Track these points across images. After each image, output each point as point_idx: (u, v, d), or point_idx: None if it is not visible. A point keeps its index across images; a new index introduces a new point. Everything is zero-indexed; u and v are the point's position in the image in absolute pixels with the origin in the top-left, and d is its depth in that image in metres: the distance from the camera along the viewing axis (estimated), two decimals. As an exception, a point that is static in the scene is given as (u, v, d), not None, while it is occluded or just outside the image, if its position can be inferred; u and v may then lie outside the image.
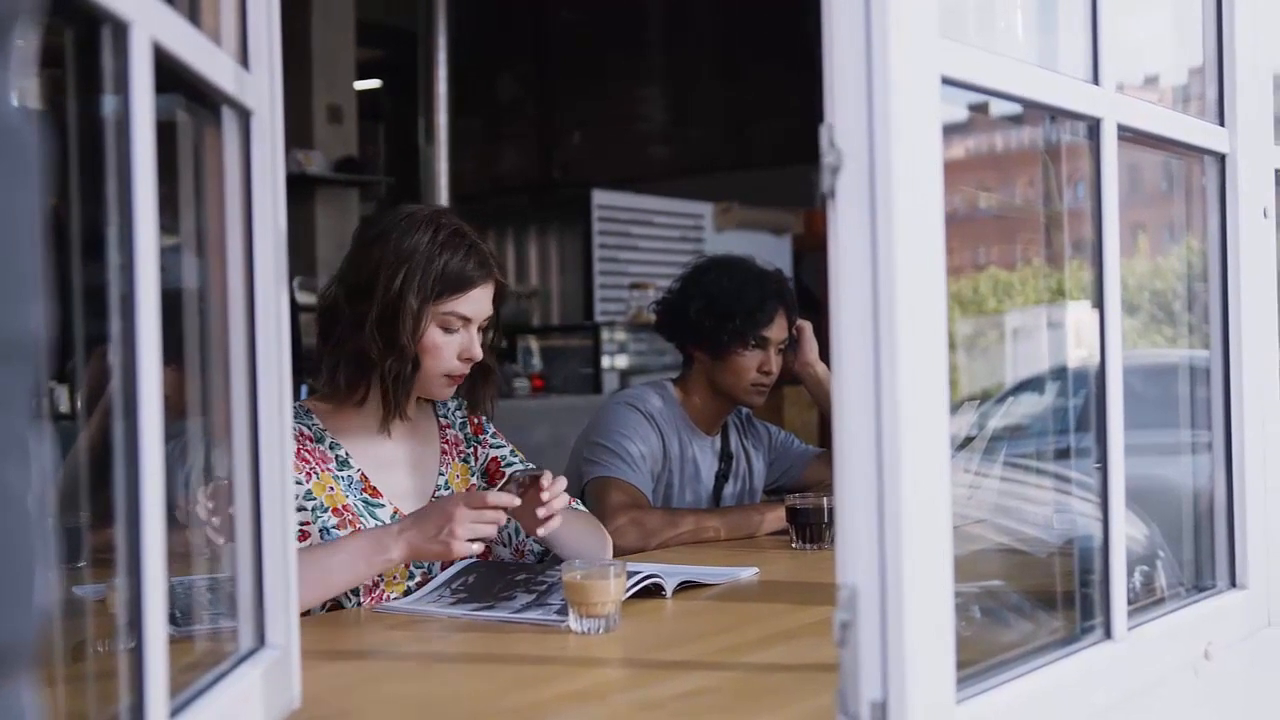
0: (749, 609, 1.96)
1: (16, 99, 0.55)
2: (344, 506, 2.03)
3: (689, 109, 9.40)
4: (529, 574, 1.99)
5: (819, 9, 1.08)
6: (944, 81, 1.13)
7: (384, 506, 2.08)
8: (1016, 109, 1.43)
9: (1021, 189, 1.80)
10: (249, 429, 1.25)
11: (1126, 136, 1.45)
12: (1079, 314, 1.57)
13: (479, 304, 2.09)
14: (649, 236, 7.89)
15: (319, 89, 7.02)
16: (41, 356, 0.56)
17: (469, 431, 2.27)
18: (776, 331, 2.76)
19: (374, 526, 2.04)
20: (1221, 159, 1.67)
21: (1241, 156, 1.67)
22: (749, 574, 2.17)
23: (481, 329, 2.11)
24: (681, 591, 2.00)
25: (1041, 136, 1.60)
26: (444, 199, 6.88)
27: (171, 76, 1.02)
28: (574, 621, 1.72)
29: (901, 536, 1.04)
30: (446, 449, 2.22)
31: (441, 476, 2.19)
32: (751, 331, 2.73)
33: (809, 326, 2.88)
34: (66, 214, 0.87)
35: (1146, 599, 1.56)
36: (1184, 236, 1.84)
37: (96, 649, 1.18)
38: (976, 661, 1.21)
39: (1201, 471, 1.75)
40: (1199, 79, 1.73)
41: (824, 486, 2.75)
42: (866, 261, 1.06)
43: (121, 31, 0.91)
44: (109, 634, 1.13)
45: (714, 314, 2.73)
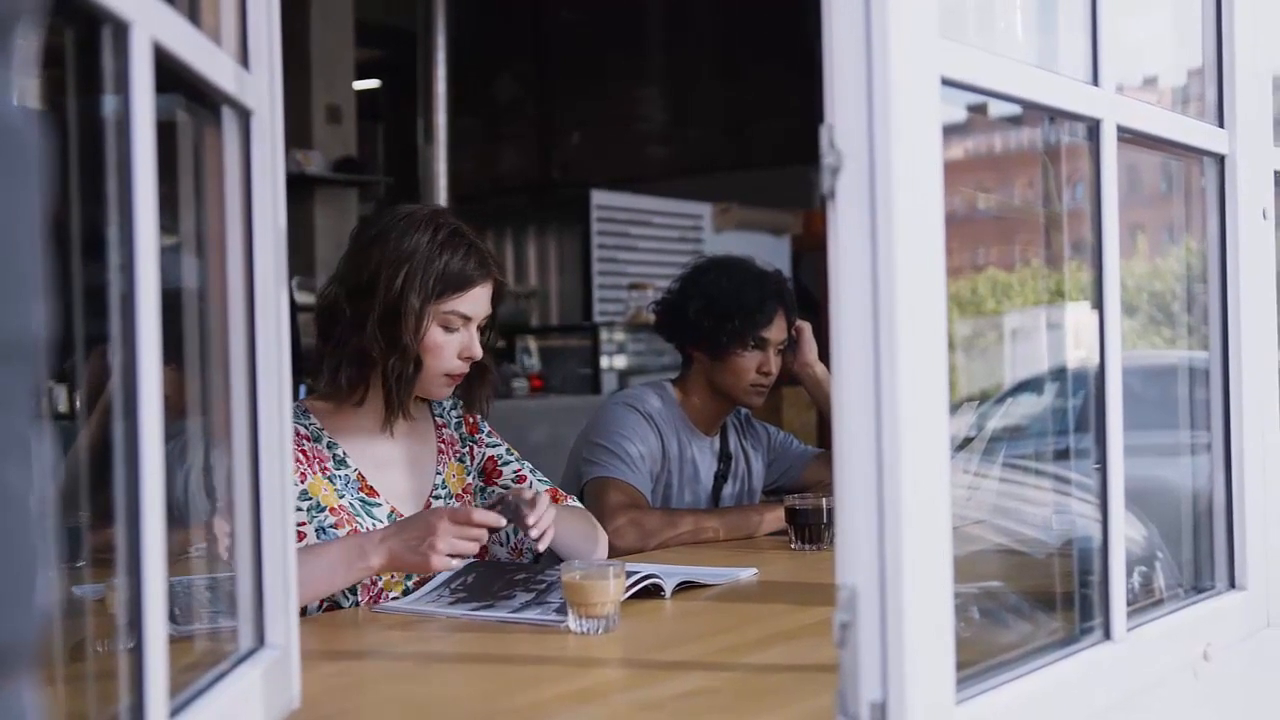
0: (748, 609, 1.96)
1: (17, 99, 0.55)
2: (340, 506, 2.03)
3: (688, 109, 9.40)
4: (528, 573, 1.99)
5: (819, 9, 1.08)
6: (944, 82, 1.13)
7: (381, 506, 2.08)
8: (1015, 110, 1.43)
9: (1020, 190, 1.80)
10: (249, 429, 1.25)
11: (1126, 138, 1.45)
12: (1078, 315, 1.57)
13: (479, 303, 2.09)
14: (648, 237, 7.89)
15: (318, 89, 7.02)
16: (42, 357, 0.55)
17: (464, 431, 2.26)
18: (776, 332, 2.76)
19: (370, 526, 2.04)
20: (1221, 160, 1.67)
21: (1241, 158, 1.67)
22: (748, 574, 2.17)
23: (480, 328, 2.11)
24: (681, 592, 2.00)
25: (1040, 137, 1.60)
26: (443, 199, 6.88)
27: (171, 76, 1.02)
28: (573, 622, 1.72)
29: (901, 537, 1.05)
30: (443, 448, 2.22)
31: (439, 476, 2.19)
32: (751, 332, 2.73)
33: (808, 327, 2.88)
34: (66, 214, 0.87)
35: (1145, 600, 1.56)
36: (1183, 238, 1.84)
37: (96, 649, 1.18)
38: (976, 662, 1.21)
39: (1200, 472, 1.75)
40: (1198, 80, 1.73)
41: (823, 487, 2.75)
42: (866, 262, 1.06)
43: (122, 31, 0.91)
44: (108, 634, 1.13)
45: (713, 314, 2.73)
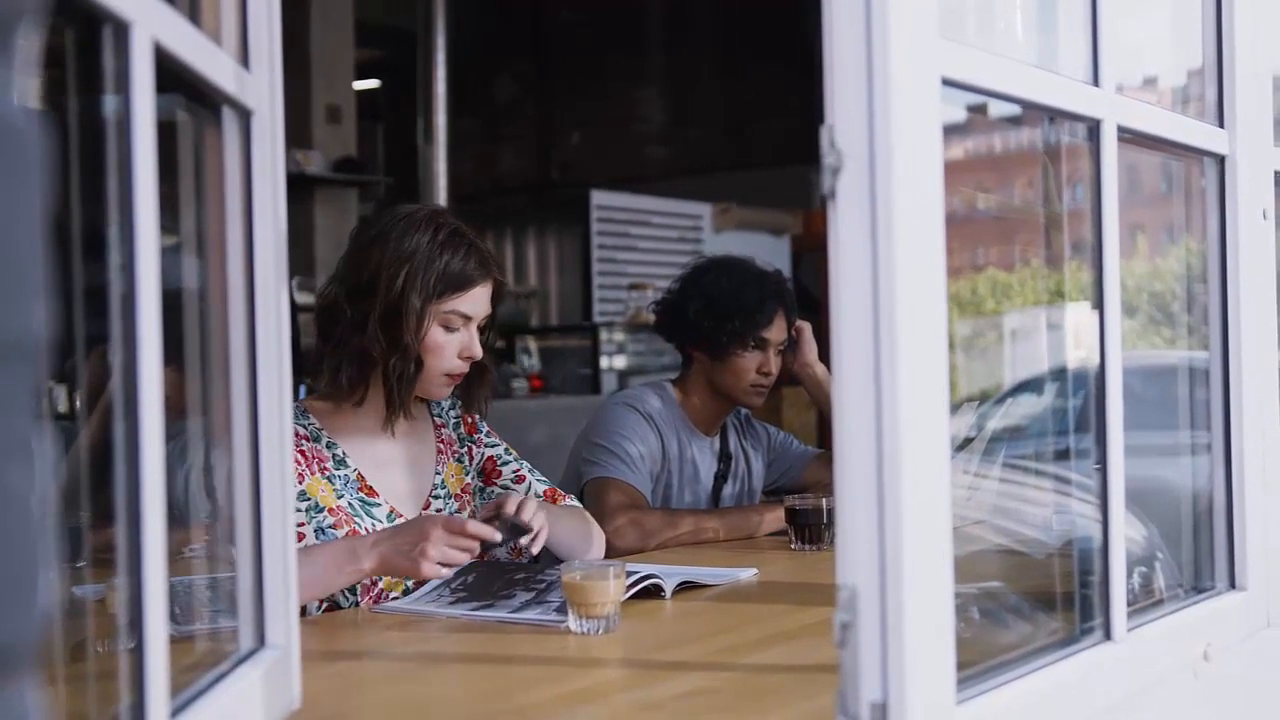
0: (748, 610, 1.96)
1: (18, 98, 0.55)
2: (339, 506, 2.03)
3: (688, 109, 9.40)
4: (528, 573, 1.99)
5: (819, 9, 1.08)
6: (944, 82, 1.13)
7: (380, 506, 2.08)
8: (1014, 110, 1.43)
9: (1020, 190, 1.80)
10: (249, 429, 1.25)
11: (1126, 138, 1.45)
12: (1078, 315, 1.57)
13: (479, 302, 2.09)
14: (648, 237, 7.89)
15: (318, 89, 7.02)
16: (43, 357, 0.55)
17: (462, 431, 2.27)
18: (776, 332, 2.76)
19: (370, 526, 2.04)
20: (1221, 161, 1.67)
21: (1241, 158, 1.67)
22: (748, 575, 2.17)
23: (480, 328, 2.12)
24: (681, 592, 2.00)
25: (1040, 137, 1.60)
26: (443, 199, 6.88)
27: (172, 76, 1.02)
28: (573, 622, 1.72)
29: (902, 537, 1.04)
30: (442, 449, 2.22)
31: (438, 476, 2.19)
32: (751, 332, 2.72)
33: (808, 327, 2.87)
34: (67, 214, 0.87)
35: (1145, 600, 1.56)
36: (1182, 238, 1.84)
37: (97, 649, 1.18)
38: (976, 662, 1.21)
39: (1200, 472, 1.75)
40: (1198, 80, 1.73)
41: (823, 487, 2.75)
42: (867, 262, 1.06)
43: (122, 31, 0.91)
44: (109, 634, 1.13)
45: (713, 315, 2.73)
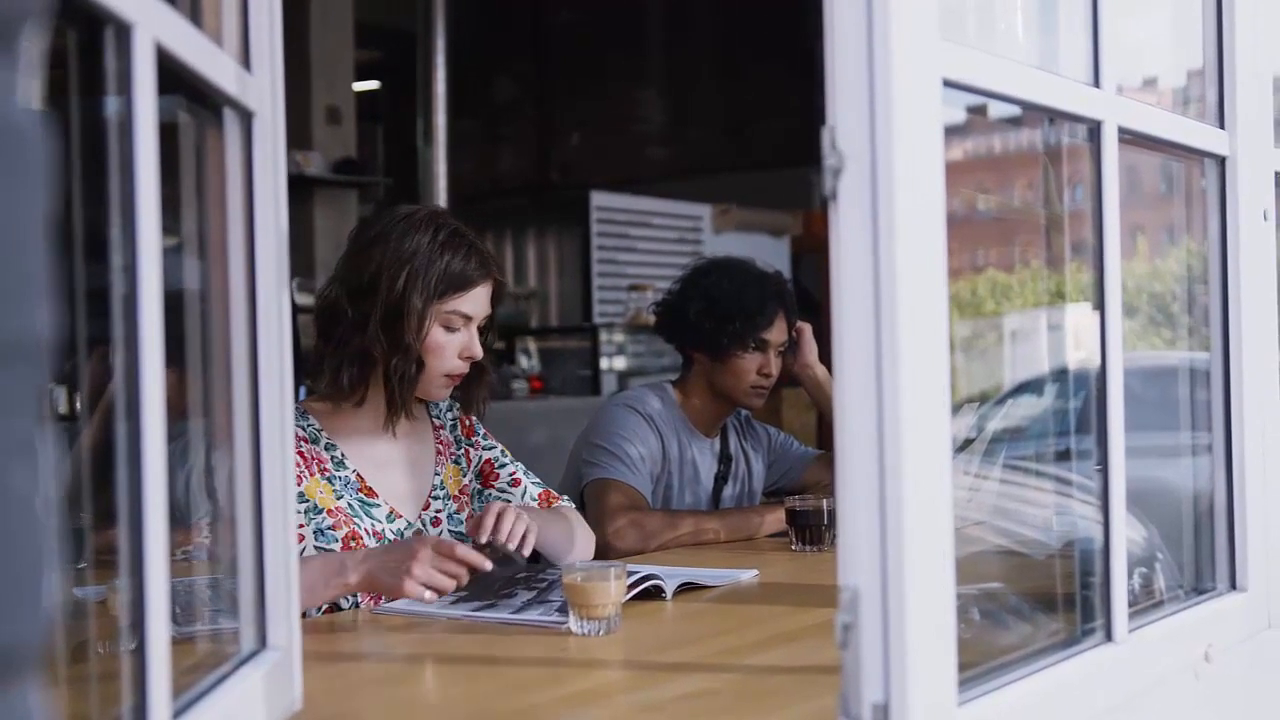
0: (749, 611, 1.96)
1: (22, 100, 0.55)
2: (338, 508, 2.03)
3: (688, 110, 9.39)
4: (529, 571, 1.99)
5: (819, 10, 1.08)
6: (945, 84, 1.13)
7: (380, 507, 2.08)
8: (1013, 110, 1.43)
9: (1020, 191, 1.80)
10: (250, 430, 1.25)
11: (1127, 139, 1.45)
12: (1078, 316, 1.57)
13: (480, 303, 2.10)
14: (647, 238, 7.88)
15: (318, 90, 7.02)
16: (47, 359, 0.55)
17: (460, 433, 2.27)
18: (776, 334, 2.76)
19: (369, 527, 2.04)
20: (1222, 162, 1.67)
21: (1242, 159, 1.67)
22: (749, 576, 2.17)
23: (480, 329, 2.12)
24: (681, 593, 2.00)
25: (1040, 138, 1.60)
26: (442, 200, 6.87)
27: (173, 78, 1.02)
28: (574, 623, 1.72)
29: (903, 538, 1.05)
30: (441, 449, 2.23)
31: (437, 476, 2.19)
32: (751, 334, 2.72)
33: (809, 328, 2.87)
34: (68, 215, 0.87)
35: (1145, 601, 1.56)
36: (1182, 239, 1.84)
37: (98, 650, 1.18)
38: (977, 664, 1.21)
39: (1201, 474, 1.75)
40: (1198, 81, 1.73)
41: (823, 488, 2.75)
42: (868, 264, 1.06)
43: (125, 33, 0.91)
44: (110, 635, 1.13)
45: (714, 316, 2.72)
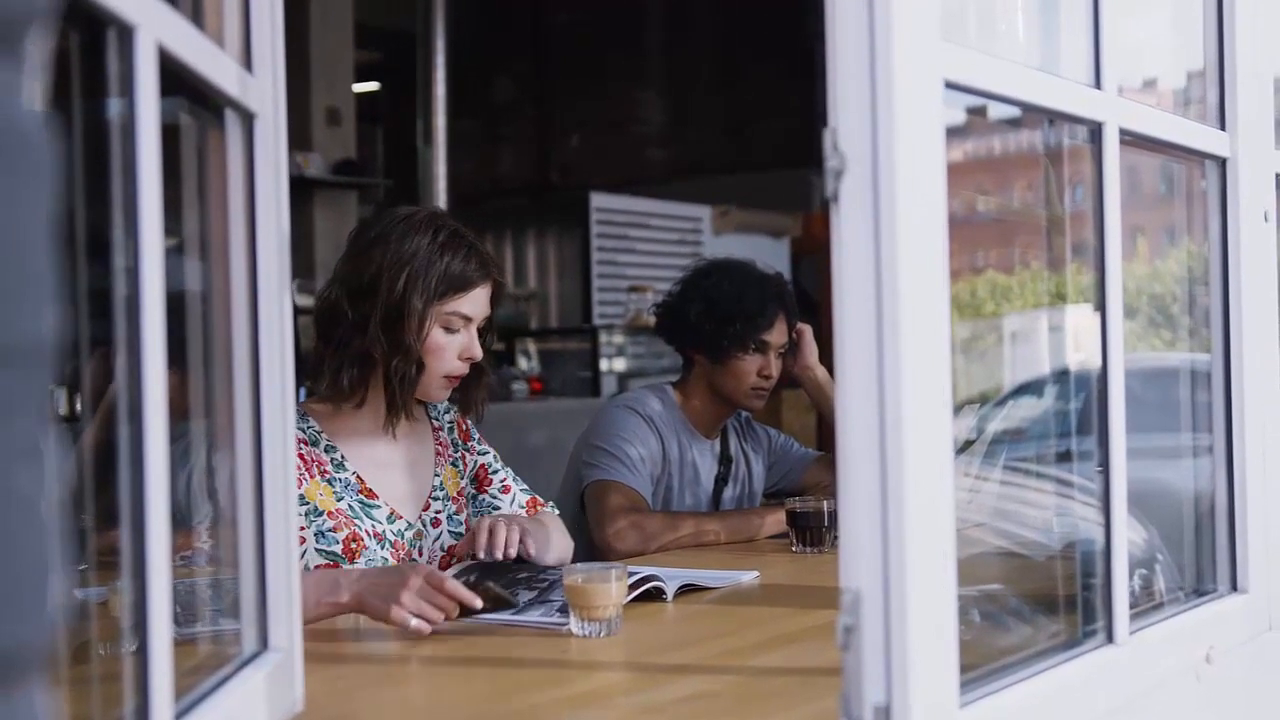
0: (750, 612, 1.96)
1: (28, 102, 0.55)
2: (338, 509, 2.03)
3: (688, 111, 9.39)
4: (530, 572, 1.99)
5: (819, 10, 1.08)
6: (947, 85, 1.13)
7: (380, 508, 2.08)
8: (1013, 111, 1.44)
9: (1020, 192, 1.80)
10: (252, 432, 1.25)
11: (1128, 140, 1.45)
12: (1078, 317, 1.57)
13: (480, 304, 2.10)
14: (647, 239, 7.88)
15: (317, 91, 7.01)
16: (52, 360, 0.55)
17: (456, 436, 2.27)
18: (777, 336, 2.75)
19: (370, 528, 2.04)
20: (1222, 163, 1.67)
21: (1242, 160, 1.67)
22: (750, 577, 2.17)
23: (480, 330, 2.12)
24: (682, 595, 2.00)
25: (1039, 139, 1.60)
26: (442, 201, 6.87)
27: (175, 79, 1.02)
28: (575, 625, 1.72)
29: (905, 540, 1.05)
30: (440, 451, 2.23)
31: (437, 478, 2.19)
32: (752, 336, 2.72)
33: (809, 330, 2.87)
34: (70, 216, 0.87)
35: (1145, 603, 1.56)
36: (1182, 240, 1.84)
37: (99, 652, 1.18)
38: (978, 665, 1.21)
39: (1202, 475, 1.75)
40: (1198, 82, 1.73)
41: (823, 490, 2.75)
42: (870, 265, 1.06)
43: (127, 34, 0.91)
44: (111, 637, 1.13)
45: (714, 318, 2.72)
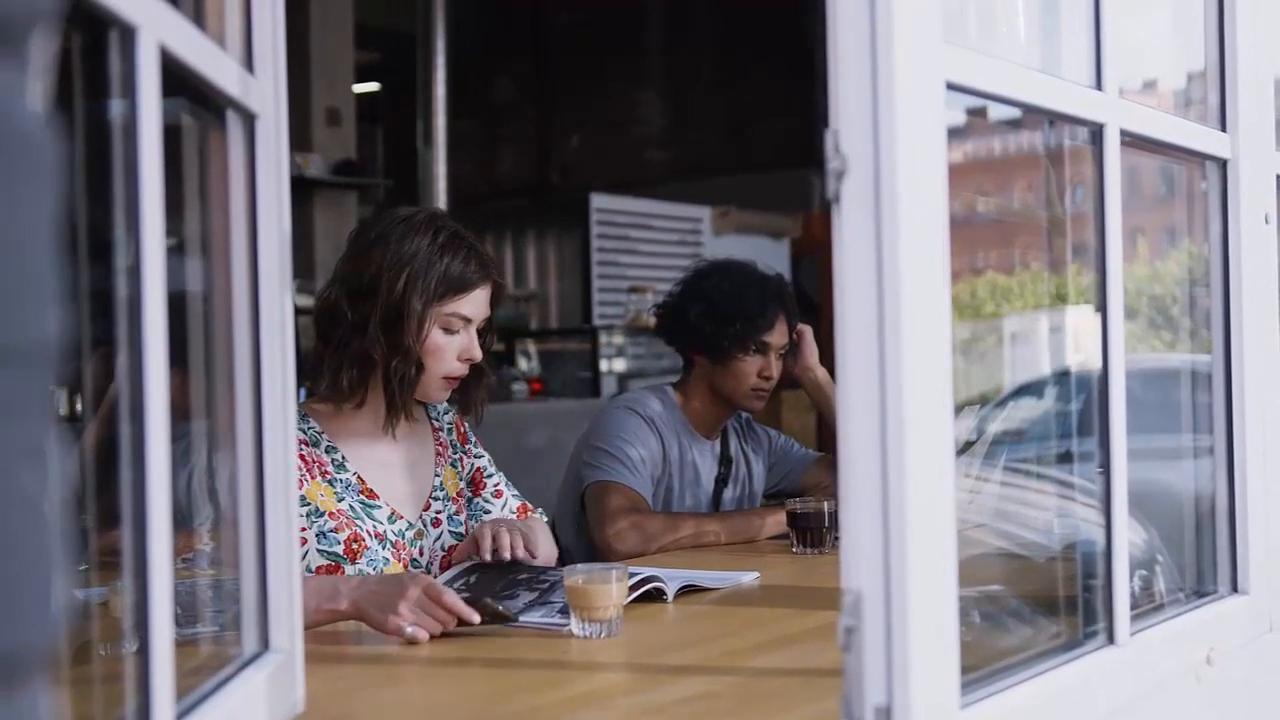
0: (751, 613, 1.96)
1: (31, 103, 0.55)
2: (340, 510, 2.03)
3: (687, 112, 9.39)
4: (531, 573, 1.99)
5: (819, 11, 1.08)
6: (948, 87, 1.13)
7: (381, 508, 2.08)
8: (1012, 112, 1.44)
9: (1020, 193, 1.80)
10: (253, 432, 1.25)
11: (1129, 142, 1.45)
12: (1078, 318, 1.57)
13: (479, 305, 2.10)
14: (647, 240, 7.87)
15: (317, 91, 7.01)
16: (56, 361, 0.55)
17: (454, 438, 2.27)
18: (777, 337, 2.75)
19: (371, 528, 2.04)
20: (1223, 164, 1.67)
21: (1243, 162, 1.67)
22: (750, 578, 2.17)
23: (479, 331, 2.12)
24: (683, 595, 2.00)
25: (1039, 141, 1.60)
26: (442, 202, 6.87)
27: (177, 80, 1.02)
28: (576, 626, 1.72)
29: (906, 541, 1.05)
30: (440, 451, 2.23)
31: (437, 478, 2.19)
32: (752, 336, 2.72)
33: (809, 331, 2.87)
34: (72, 216, 0.87)
35: (1145, 604, 1.56)
36: (1183, 241, 1.84)
37: (100, 652, 1.18)
38: (980, 666, 1.21)
39: (1202, 476, 1.75)
40: (1198, 83, 1.73)
41: (823, 490, 2.75)
42: (871, 266, 1.06)
43: (129, 35, 0.91)
44: (112, 637, 1.13)
45: (715, 318, 2.72)
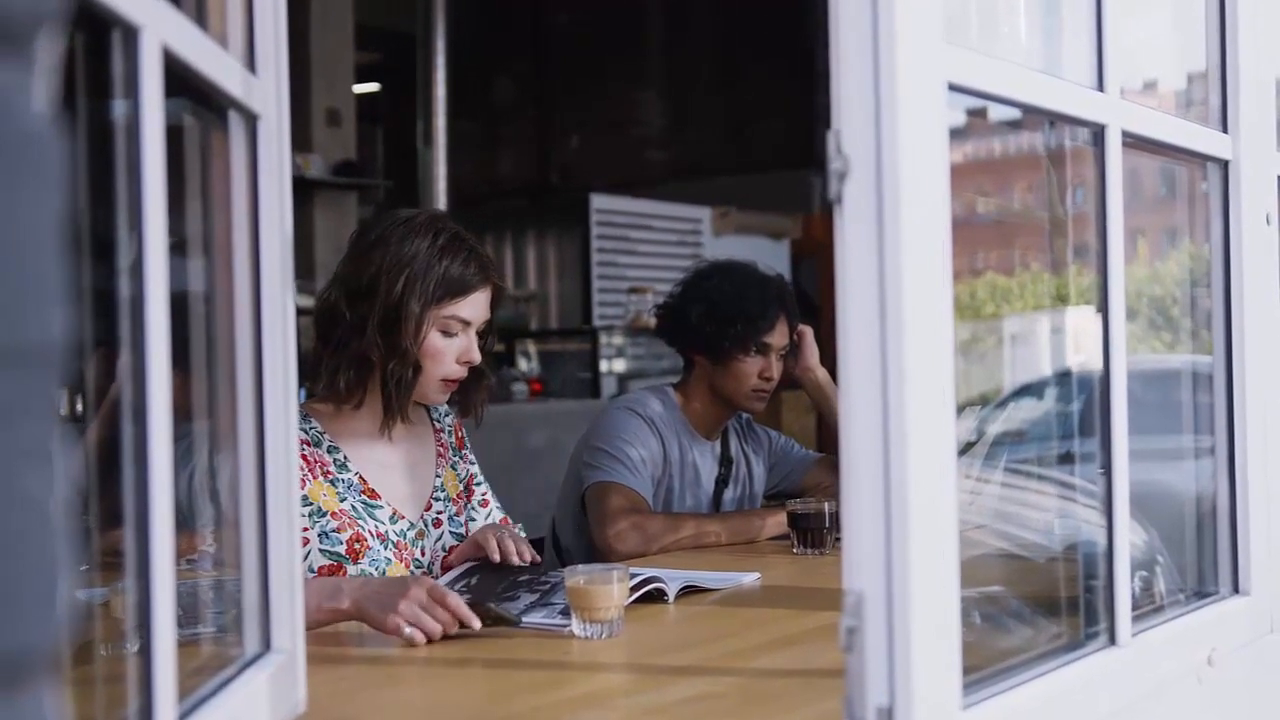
0: (752, 614, 1.96)
1: (37, 104, 0.55)
2: (342, 510, 2.04)
3: (687, 112, 9.39)
4: (532, 574, 1.99)
5: (818, 11, 1.08)
6: (950, 88, 1.13)
7: (383, 508, 2.08)
8: (1012, 113, 1.44)
9: (1020, 194, 1.80)
10: (255, 433, 1.25)
11: (1130, 142, 1.45)
12: (1078, 319, 1.57)
13: (479, 308, 2.09)
14: (647, 240, 7.87)
15: (318, 92, 7.01)
16: (61, 362, 0.56)
17: (453, 441, 2.27)
18: (778, 337, 2.75)
19: (373, 528, 2.04)
20: (1225, 165, 1.67)
21: (1245, 163, 1.67)
22: (751, 579, 2.17)
23: (479, 333, 2.12)
24: (683, 596, 2.00)
25: (1040, 141, 1.60)
26: (442, 202, 6.87)
27: (179, 80, 1.02)
28: (577, 626, 1.72)
29: (908, 542, 1.05)
30: (442, 452, 2.23)
31: (438, 479, 2.19)
32: (753, 337, 2.72)
33: (810, 331, 2.87)
34: (75, 217, 0.87)
35: (1146, 605, 1.56)
36: (1183, 242, 1.84)
37: (101, 653, 1.18)
38: (981, 667, 1.21)
39: (1203, 477, 1.75)
40: (1199, 83, 1.73)
41: (823, 491, 2.75)
42: (873, 267, 1.06)
43: (132, 36, 0.91)
44: (113, 637, 1.13)
45: (715, 319, 2.72)
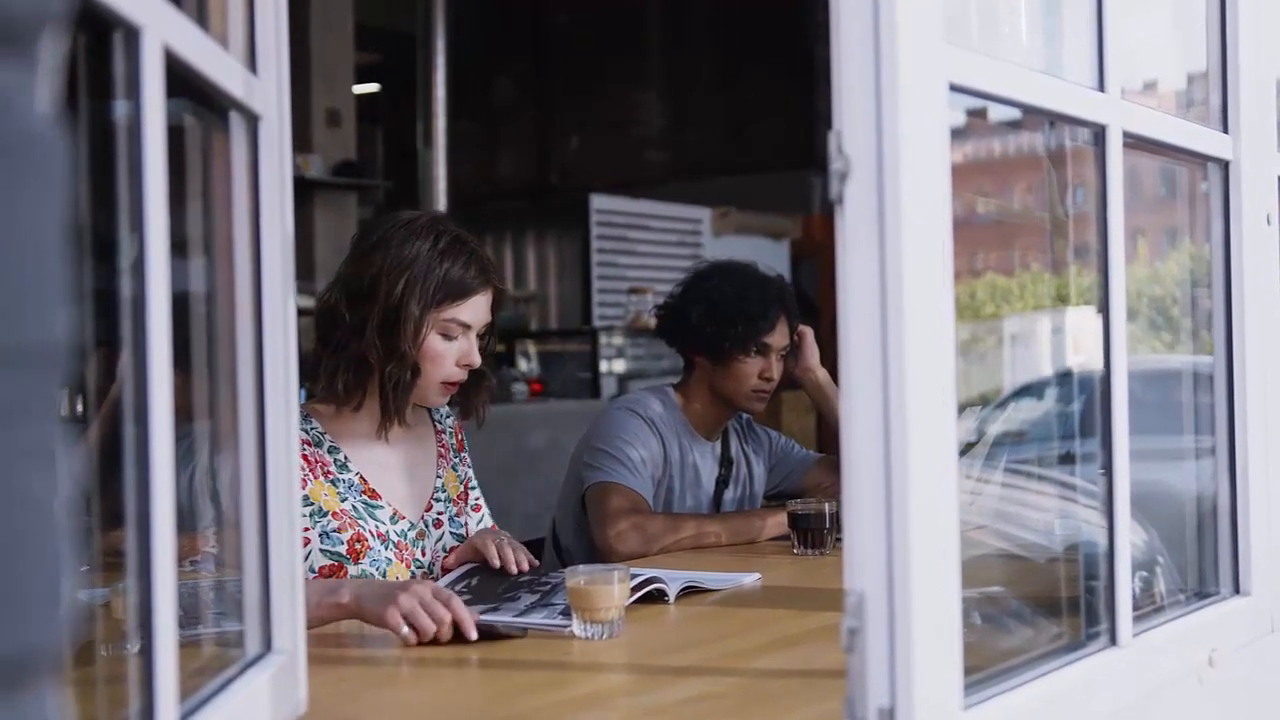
0: (752, 614, 1.96)
1: (40, 105, 0.55)
2: (342, 510, 2.04)
3: (687, 112, 9.39)
4: (532, 575, 1.99)
5: (818, 12, 1.08)
6: (951, 88, 1.13)
7: (384, 508, 2.08)
8: (1013, 113, 1.44)
9: (1020, 194, 1.80)
10: (256, 433, 1.25)
11: (1130, 143, 1.45)
12: (1079, 319, 1.57)
13: (479, 311, 2.09)
14: (647, 241, 7.87)
15: (318, 92, 7.01)
16: (65, 363, 0.56)
17: (454, 443, 2.27)
18: (778, 338, 2.75)
19: (373, 528, 2.05)
20: (1225, 166, 1.67)
21: (1245, 163, 1.67)
22: (752, 579, 2.17)
23: (480, 336, 2.11)
24: (684, 596, 2.00)
25: (1040, 142, 1.60)
26: (442, 203, 6.87)
27: (181, 81, 1.02)
28: (578, 627, 1.72)
29: (909, 543, 1.05)
30: (442, 453, 2.23)
31: (439, 479, 2.19)
32: (753, 338, 2.72)
33: (810, 332, 2.87)
34: (76, 217, 0.87)
35: (1146, 605, 1.56)
36: (1183, 242, 1.84)
37: (102, 653, 1.18)
38: (982, 667, 1.21)
39: (1204, 477, 1.75)
40: (1199, 84, 1.73)
41: (823, 491, 2.75)
42: (874, 267, 1.06)
43: (133, 36, 0.91)
44: (114, 638, 1.13)
45: (716, 320, 2.72)
